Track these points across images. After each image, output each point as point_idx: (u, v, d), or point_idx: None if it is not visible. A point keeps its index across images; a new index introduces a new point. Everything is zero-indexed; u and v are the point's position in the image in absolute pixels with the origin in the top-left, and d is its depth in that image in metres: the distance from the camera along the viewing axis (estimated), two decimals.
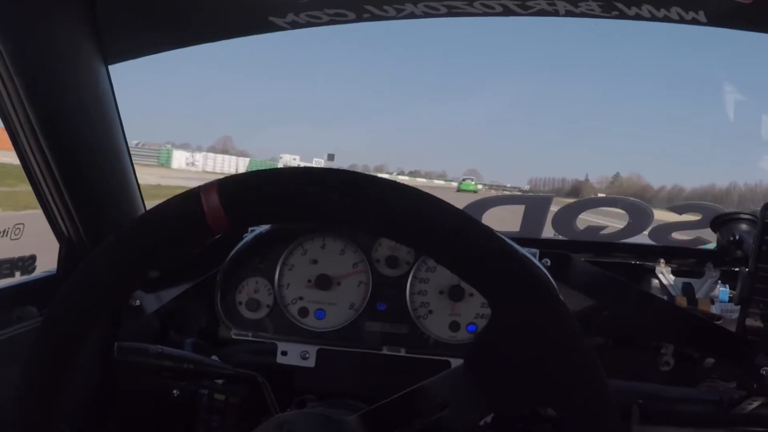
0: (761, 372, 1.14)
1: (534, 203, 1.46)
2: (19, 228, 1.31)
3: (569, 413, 0.65)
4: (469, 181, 32.54)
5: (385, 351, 1.26)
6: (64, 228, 1.30)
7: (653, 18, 1.25)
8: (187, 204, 0.70)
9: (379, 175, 0.91)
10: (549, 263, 1.32)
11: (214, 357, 1.31)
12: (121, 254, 0.72)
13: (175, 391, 1.30)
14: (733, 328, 1.23)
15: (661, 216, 1.50)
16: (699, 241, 1.55)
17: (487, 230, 0.70)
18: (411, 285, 1.28)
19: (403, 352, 1.26)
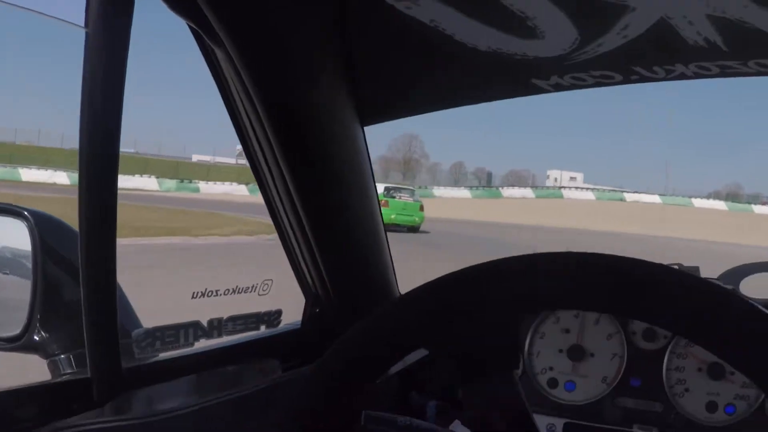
0: None
1: None
2: (267, 284, 1.33)
3: None
4: (406, 198, 18.90)
5: (636, 429, 1.19)
6: (311, 284, 1.32)
7: None
8: None
9: None
10: None
11: (456, 421, 1.26)
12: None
13: None
14: None
15: None
16: None
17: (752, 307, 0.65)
18: (668, 360, 1.20)
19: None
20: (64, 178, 32.31)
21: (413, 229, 19.15)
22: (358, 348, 0.79)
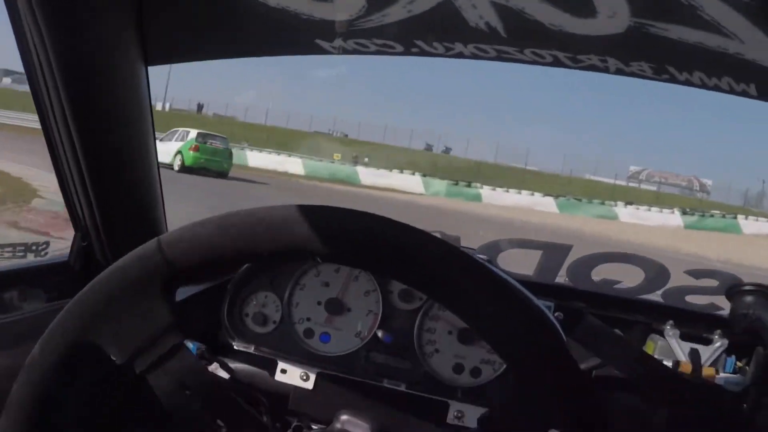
0: None
1: (552, 251, 1.44)
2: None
3: None
4: (216, 145, 20.49)
5: (385, 384, 1.25)
6: (81, 218, 1.29)
7: (703, 86, 1.23)
8: None
9: None
10: (562, 317, 1.31)
11: (215, 364, 1.30)
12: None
13: None
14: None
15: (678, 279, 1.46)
16: (712, 307, 1.53)
17: (501, 281, 0.72)
18: (420, 321, 1.27)
19: (403, 388, 1.25)
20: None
21: (222, 174, 19.41)
22: (119, 283, 0.79)
